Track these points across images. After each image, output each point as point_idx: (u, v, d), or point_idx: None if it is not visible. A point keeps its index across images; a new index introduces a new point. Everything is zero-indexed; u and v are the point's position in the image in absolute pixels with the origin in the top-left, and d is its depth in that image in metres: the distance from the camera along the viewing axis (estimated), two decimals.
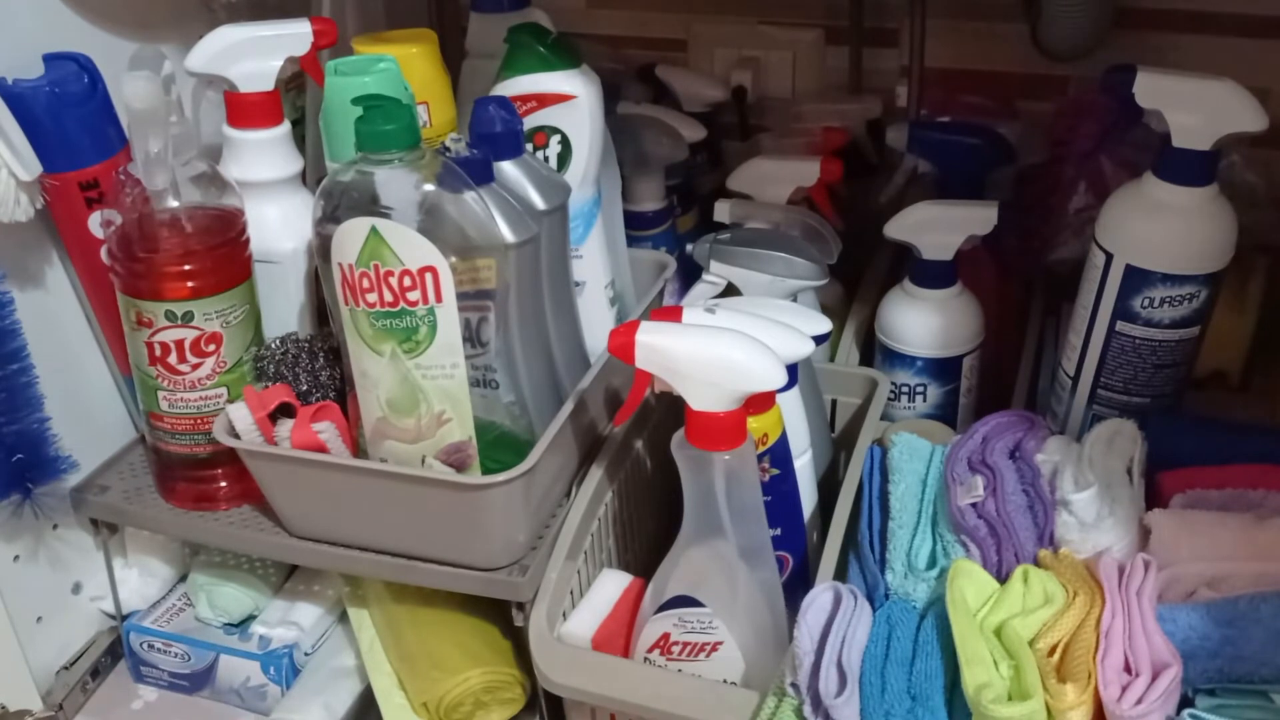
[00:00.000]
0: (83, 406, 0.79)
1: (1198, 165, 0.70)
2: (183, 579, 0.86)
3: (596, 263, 0.79)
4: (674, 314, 0.68)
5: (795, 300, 0.81)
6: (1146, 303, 0.73)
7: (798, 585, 0.67)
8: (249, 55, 0.73)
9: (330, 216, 0.64)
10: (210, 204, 0.70)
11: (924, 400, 0.87)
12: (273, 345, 0.74)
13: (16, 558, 0.77)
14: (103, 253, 0.72)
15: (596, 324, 0.79)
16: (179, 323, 0.69)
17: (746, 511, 0.62)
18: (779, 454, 0.68)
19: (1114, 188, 0.76)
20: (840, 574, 0.67)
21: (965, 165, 0.95)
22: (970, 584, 0.61)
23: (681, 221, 1.04)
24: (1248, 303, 0.89)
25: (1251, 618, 0.58)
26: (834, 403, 0.84)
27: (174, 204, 0.69)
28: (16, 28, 0.71)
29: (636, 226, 0.96)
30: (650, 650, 0.64)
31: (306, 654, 0.81)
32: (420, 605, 0.77)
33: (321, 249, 0.65)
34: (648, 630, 0.64)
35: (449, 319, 0.64)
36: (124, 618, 0.83)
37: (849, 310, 0.95)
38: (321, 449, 0.68)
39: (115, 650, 0.84)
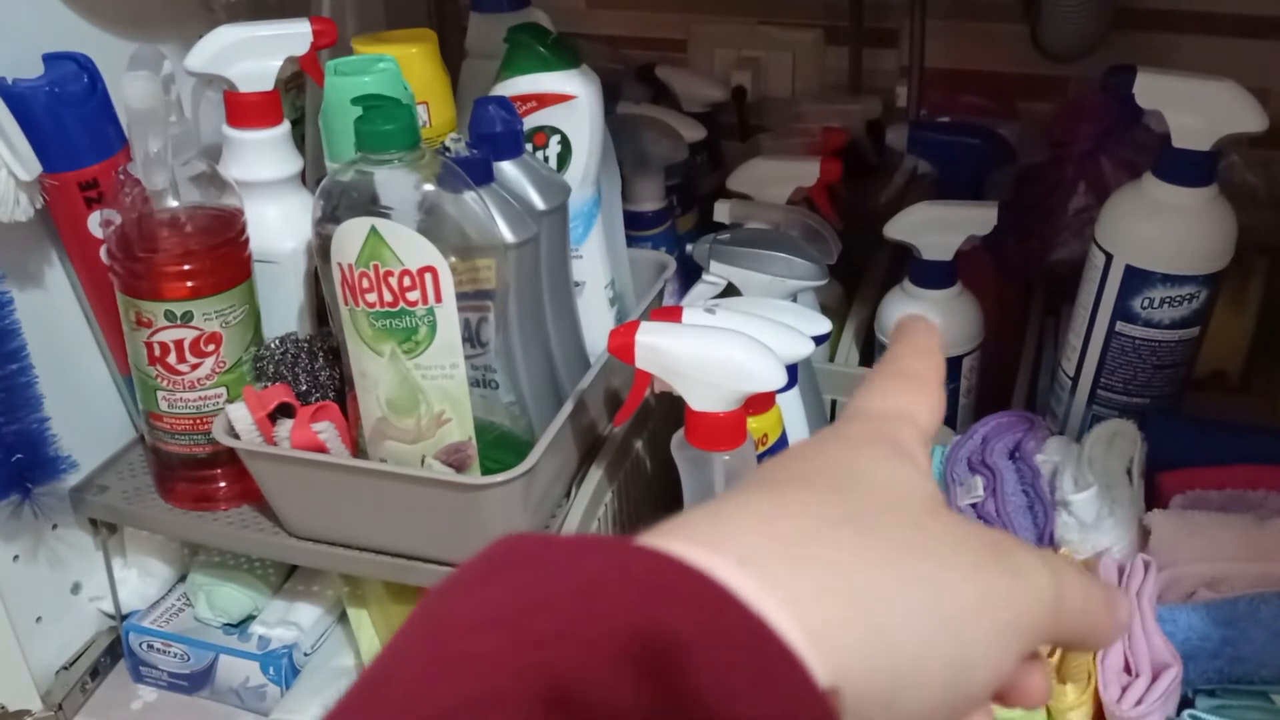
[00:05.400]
0: (82, 406, 0.78)
1: (1198, 166, 0.70)
2: (182, 579, 0.86)
3: (596, 263, 0.79)
4: (674, 314, 0.68)
5: (795, 300, 0.81)
6: (1146, 303, 0.73)
7: None
8: (249, 55, 0.73)
9: (330, 216, 0.63)
10: (210, 204, 0.70)
11: None
12: (272, 345, 0.74)
13: (16, 558, 0.76)
14: (102, 253, 0.72)
15: (596, 324, 0.79)
16: (178, 323, 0.69)
17: None
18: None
19: (1114, 188, 0.76)
20: None
21: (965, 166, 0.95)
22: None
23: (681, 221, 1.04)
24: (1248, 303, 0.89)
25: (1251, 618, 0.58)
26: (834, 403, 0.84)
27: (173, 204, 0.69)
28: (16, 28, 0.71)
29: (636, 226, 0.96)
30: None
31: (306, 654, 0.81)
32: None
33: (321, 249, 0.65)
34: None
35: (449, 319, 0.64)
36: (123, 618, 0.83)
37: (849, 310, 0.94)
38: (321, 449, 0.68)
39: (115, 650, 0.84)
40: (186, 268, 0.69)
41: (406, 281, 0.62)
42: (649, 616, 0.23)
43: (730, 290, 0.83)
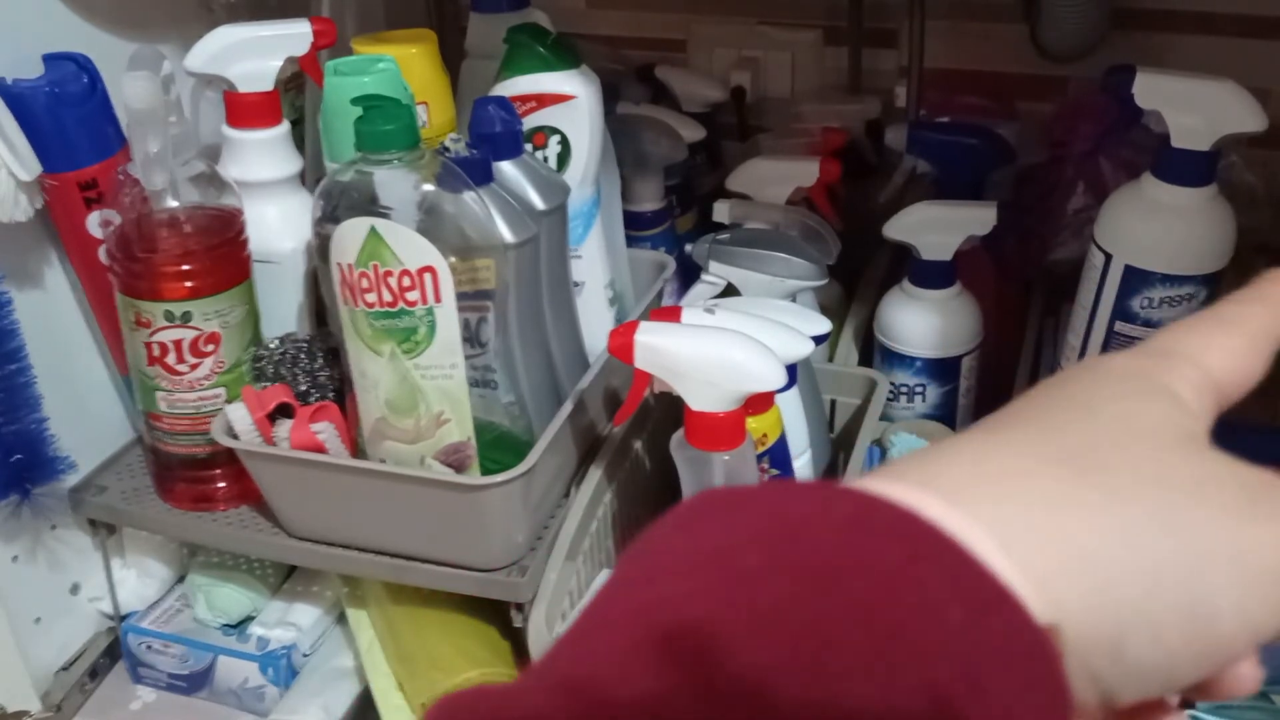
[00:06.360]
0: (81, 406, 0.78)
1: (1197, 165, 0.70)
2: (181, 580, 0.85)
3: (596, 263, 0.79)
4: (673, 314, 0.68)
5: (794, 300, 0.81)
6: (1146, 303, 0.73)
7: None
8: (248, 55, 0.73)
9: (329, 216, 0.63)
10: (209, 204, 0.70)
11: (923, 400, 0.87)
12: (271, 345, 0.74)
13: (15, 558, 0.76)
14: (101, 253, 0.72)
15: (596, 324, 0.79)
16: (177, 323, 0.69)
17: None
18: (778, 454, 0.68)
19: (1113, 188, 0.76)
20: None
21: (964, 166, 0.95)
22: None
23: (681, 221, 1.04)
24: None
25: None
26: (833, 403, 0.84)
27: (173, 204, 0.69)
28: (16, 28, 0.71)
29: (636, 226, 0.96)
30: None
31: (305, 655, 0.81)
32: (419, 606, 0.76)
33: (320, 249, 0.65)
34: None
35: (448, 319, 0.64)
36: (122, 618, 0.83)
37: (848, 310, 0.94)
38: (320, 449, 0.68)
39: (113, 651, 0.84)
40: (186, 268, 0.69)
41: (406, 281, 0.62)
42: (852, 551, 0.22)
43: (730, 290, 0.83)
